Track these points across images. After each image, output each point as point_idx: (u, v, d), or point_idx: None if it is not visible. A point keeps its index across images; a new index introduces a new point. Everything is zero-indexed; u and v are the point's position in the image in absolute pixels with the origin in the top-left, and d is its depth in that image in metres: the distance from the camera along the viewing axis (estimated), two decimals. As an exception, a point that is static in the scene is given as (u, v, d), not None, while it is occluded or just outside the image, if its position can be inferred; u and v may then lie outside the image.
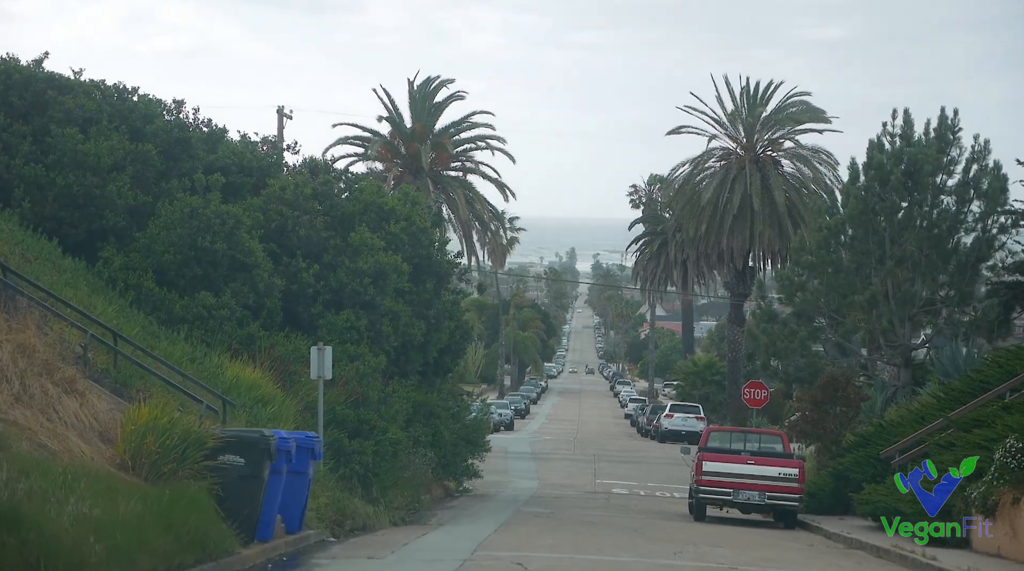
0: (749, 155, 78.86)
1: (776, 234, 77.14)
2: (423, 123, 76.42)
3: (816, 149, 78.79)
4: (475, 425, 45.01)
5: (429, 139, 76.49)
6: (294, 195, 31.78)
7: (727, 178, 78.22)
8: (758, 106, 79.29)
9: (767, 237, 76.96)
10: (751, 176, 77.50)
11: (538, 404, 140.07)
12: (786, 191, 77.20)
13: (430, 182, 74.84)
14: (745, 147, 79.56)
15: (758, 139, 79.71)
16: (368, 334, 31.92)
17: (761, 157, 79.36)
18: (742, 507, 36.17)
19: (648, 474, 56.31)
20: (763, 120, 79.36)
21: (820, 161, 78.19)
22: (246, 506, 19.69)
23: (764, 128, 79.59)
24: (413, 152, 75.68)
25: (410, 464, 36.65)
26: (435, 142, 76.60)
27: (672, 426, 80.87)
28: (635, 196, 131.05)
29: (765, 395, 53.41)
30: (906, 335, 49.18)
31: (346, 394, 29.22)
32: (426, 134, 76.45)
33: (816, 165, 78.12)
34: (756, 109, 78.99)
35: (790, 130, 79.29)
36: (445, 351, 40.65)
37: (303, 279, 30.93)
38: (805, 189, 77.86)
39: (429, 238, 35.62)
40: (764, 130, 79.67)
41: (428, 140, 76.38)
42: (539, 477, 54.17)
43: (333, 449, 27.91)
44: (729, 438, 38.28)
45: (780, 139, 79.83)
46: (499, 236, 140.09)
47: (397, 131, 76.64)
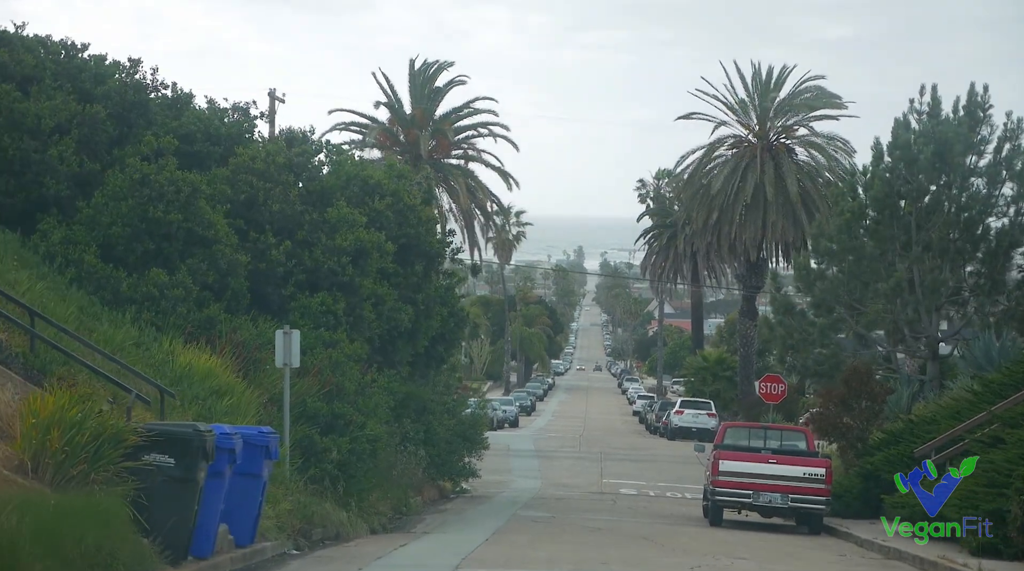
0: (761, 143, 75.19)
1: (790, 224, 73.49)
2: (423, 109, 72.85)
3: (831, 136, 75.16)
4: (472, 421, 41.42)
5: (429, 125, 72.94)
6: (265, 165, 28.18)
7: (739, 166, 74.59)
8: (771, 92, 75.64)
9: (780, 227, 73.30)
10: (764, 164, 73.85)
11: (544, 401, 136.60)
12: (800, 180, 73.57)
13: (430, 170, 71.25)
14: (757, 134, 75.89)
15: (771, 126, 76.06)
16: (347, 319, 28.33)
17: (774, 145, 75.70)
18: (762, 510, 32.50)
19: (658, 473, 52.67)
20: (776, 106, 75.70)
21: (836, 149, 74.60)
22: (176, 516, 16.11)
23: (777, 114, 75.92)
24: (412, 139, 72.11)
25: (397, 463, 33.11)
26: (435, 128, 73.02)
27: (682, 423, 76.82)
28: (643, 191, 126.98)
29: (782, 389, 49.74)
30: (933, 326, 45.63)
31: (319, 385, 25.61)
32: (426, 120, 72.89)
33: (831, 153, 74.50)
34: (769, 95, 75.31)
35: (804, 116, 75.61)
36: (438, 340, 37.06)
37: (273, 257, 27.33)
38: (820, 178, 74.23)
39: (418, 216, 31.97)
40: (777, 117, 76.01)
41: (428, 126, 72.82)
42: (542, 476, 50.58)
43: (302, 447, 24.32)
44: (748, 435, 34.56)
45: (794, 126, 76.17)
46: (505, 230, 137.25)
47: (396, 117, 73.05)
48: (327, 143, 32.54)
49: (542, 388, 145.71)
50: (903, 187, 45.43)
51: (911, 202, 45.53)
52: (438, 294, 34.12)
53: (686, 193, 77.61)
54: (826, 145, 74.56)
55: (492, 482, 46.63)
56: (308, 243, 28.37)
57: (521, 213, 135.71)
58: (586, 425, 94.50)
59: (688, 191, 77.30)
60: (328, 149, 32.63)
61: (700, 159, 76.52)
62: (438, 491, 40.48)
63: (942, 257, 45.37)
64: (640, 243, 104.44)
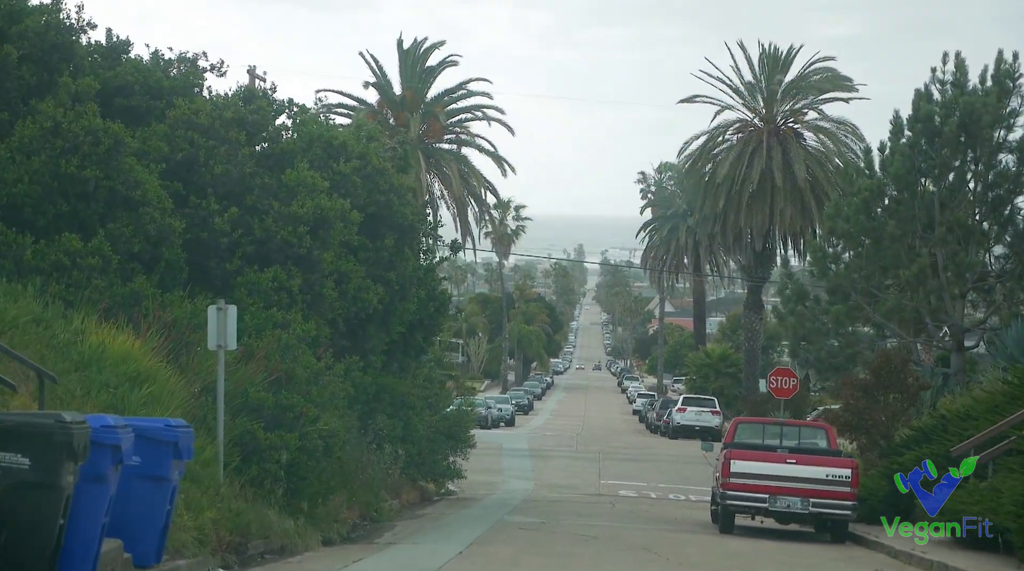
0: (768, 127, 71.23)
1: (798, 212, 69.53)
2: (413, 90, 68.82)
3: (841, 121, 71.14)
4: (457, 417, 37.47)
5: (420, 108, 68.96)
6: (210, 120, 24.19)
7: (745, 152, 70.62)
8: (779, 73, 71.64)
9: (788, 216, 69.34)
10: (771, 149, 69.89)
11: (543, 400, 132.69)
12: (809, 166, 69.62)
13: (421, 155, 67.28)
14: (764, 118, 71.92)
15: (778, 110, 72.09)
16: (304, 298, 24.37)
17: (782, 129, 71.74)
18: (780, 516, 28.47)
19: (659, 474, 48.67)
20: (784, 88, 71.69)
21: (846, 133, 70.64)
22: (33, 532, 12.21)
23: (785, 97, 71.93)
24: (402, 122, 68.10)
25: (367, 463, 29.20)
26: (426, 111, 69.05)
27: (685, 421, 72.28)
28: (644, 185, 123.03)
29: (794, 384, 45.84)
30: (959, 314, 41.77)
31: (265, 372, 21.67)
32: (417, 102, 68.89)
33: (841, 138, 70.55)
34: (776, 77, 71.31)
35: (813, 99, 71.63)
36: (416, 327, 33.11)
37: (216, 225, 23.36)
38: (830, 164, 70.28)
39: (389, 182, 27.96)
40: (785, 100, 72.01)
41: (419, 109, 68.86)
42: (536, 477, 46.63)
43: (242, 444, 20.36)
44: (762, 431, 30.53)
45: (802, 109, 72.14)
46: (503, 224, 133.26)
47: (385, 99, 69.02)
48: (291, 102, 28.49)
49: (540, 387, 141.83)
50: (925, 163, 41.66)
51: (934, 179, 41.78)
52: (414, 274, 30.12)
53: (689, 180, 73.66)
54: (836, 130, 70.61)
55: (482, 483, 42.78)
56: (259, 210, 24.39)
57: (521, 207, 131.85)
58: (585, 424, 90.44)
59: (691, 178, 73.35)
60: (292, 109, 28.61)
61: (704, 145, 72.59)
62: (419, 493, 36.57)
63: (967, 240, 41.65)
64: (641, 236, 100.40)
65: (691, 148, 73.18)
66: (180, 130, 23.82)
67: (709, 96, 72.23)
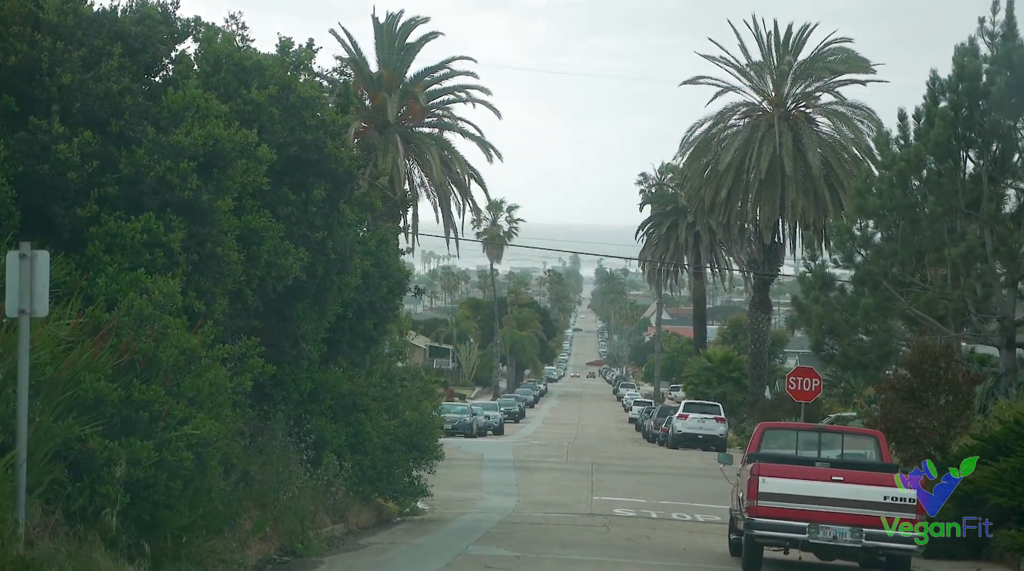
0: (778, 111, 64.55)
1: (811, 203, 62.79)
2: (391, 68, 62.06)
3: (857, 105, 64.46)
4: (421, 424, 30.73)
5: (398, 88, 62.21)
6: (59, 17, 17.56)
7: (753, 137, 63.94)
8: (789, 53, 64.97)
9: (800, 206, 62.60)
10: (781, 135, 63.23)
11: (535, 407, 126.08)
12: (822, 153, 62.97)
13: (399, 139, 60.52)
14: (773, 102, 65.23)
15: (789, 92, 65.38)
16: (190, 257, 17.67)
17: (792, 113, 65.07)
18: (823, 551, 21.67)
19: (660, 489, 41.85)
20: (795, 69, 64.98)
21: (862, 118, 63.93)
22: None
23: (797, 79, 65.18)
24: (379, 103, 61.27)
25: (293, 479, 22.55)
26: (405, 91, 62.14)
27: (687, 429, 64.40)
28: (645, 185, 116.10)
29: (817, 385, 39.16)
30: (1009, 305, 35.30)
31: (112, 353, 15.01)
32: (395, 82, 62.02)
33: (857, 124, 63.87)
34: (787, 57, 64.61)
35: (827, 82, 64.90)
36: (366, 311, 26.37)
37: (60, 155, 16.69)
38: (845, 152, 63.65)
39: (319, 118, 21.25)
40: (796, 81, 65.27)
41: (397, 89, 62.09)
42: (519, 493, 39.85)
43: (65, 458, 13.73)
44: (795, 439, 23.74)
45: (815, 92, 65.44)
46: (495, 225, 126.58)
47: (360, 78, 62.12)
48: (197, 20, 21.69)
49: (533, 394, 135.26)
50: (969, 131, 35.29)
51: (979, 150, 35.39)
52: (356, 239, 23.38)
53: (692, 168, 66.79)
54: (852, 115, 63.92)
55: (456, 500, 36.21)
56: (127, 139, 17.66)
57: (514, 208, 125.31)
58: (578, 432, 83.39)
59: (694, 166, 66.55)
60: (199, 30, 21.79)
61: (708, 130, 65.91)
62: (375, 514, 29.91)
63: (1020, 219, 35.33)
64: (639, 234, 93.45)
65: (695, 134, 66.51)
66: (15, 26, 17.10)
67: (714, 77, 65.65)
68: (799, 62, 64.55)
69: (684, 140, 66.95)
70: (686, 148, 67.04)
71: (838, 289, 38.32)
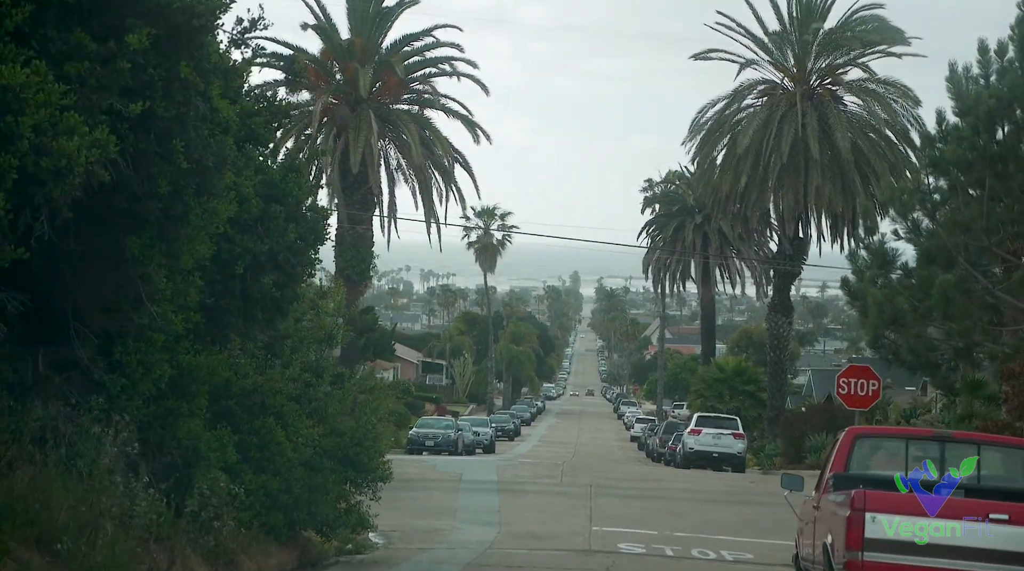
0: (801, 89, 56.18)
1: (839, 191, 54.37)
2: (364, 36, 53.81)
3: (890, 82, 56.11)
4: (359, 434, 22.24)
5: (373, 59, 53.94)
6: None
7: (772, 118, 55.52)
8: (814, 22, 56.59)
9: (827, 195, 54.13)
10: (805, 115, 54.84)
11: (532, 425, 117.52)
12: (852, 136, 54.57)
13: (373, 116, 52.18)
14: (795, 78, 56.82)
15: (813, 67, 57.04)
16: None
17: (816, 91, 56.66)
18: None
19: (675, 518, 33.19)
20: (820, 40, 56.63)
21: (895, 97, 55.55)
22: None
23: (822, 52, 56.77)
24: (350, 75, 52.99)
25: (135, 512, 14.02)
26: (381, 62, 53.86)
27: (700, 446, 54.54)
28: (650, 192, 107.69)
29: (876, 388, 30.60)
30: None
31: None
32: (369, 52, 53.73)
33: (890, 103, 55.50)
34: (813, 24, 56.19)
35: (857, 55, 56.54)
36: (266, 265, 17.83)
37: None
38: (876, 134, 55.28)
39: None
40: (821, 55, 56.85)
41: (372, 60, 53.79)
42: (501, 522, 31.22)
43: None
44: (904, 453, 15.09)
45: (843, 66, 57.09)
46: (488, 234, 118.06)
47: (330, 47, 53.83)
48: None
49: (530, 411, 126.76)
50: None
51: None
52: (232, 148, 14.83)
53: (704, 154, 58.32)
54: (885, 93, 55.56)
55: (420, 531, 27.85)
56: None
57: (507, 214, 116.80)
58: (576, 451, 74.42)
59: (706, 151, 58.12)
60: None
61: (721, 111, 57.54)
62: (297, 554, 21.41)
63: None
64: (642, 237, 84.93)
65: (706, 115, 58.12)
66: None
67: (729, 51, 57.25)
68: (824, 32, 56.16)
69: (694, 123, 58.61)
70: (696, 132, 58.62)
71: (901, 269, 29.86)
